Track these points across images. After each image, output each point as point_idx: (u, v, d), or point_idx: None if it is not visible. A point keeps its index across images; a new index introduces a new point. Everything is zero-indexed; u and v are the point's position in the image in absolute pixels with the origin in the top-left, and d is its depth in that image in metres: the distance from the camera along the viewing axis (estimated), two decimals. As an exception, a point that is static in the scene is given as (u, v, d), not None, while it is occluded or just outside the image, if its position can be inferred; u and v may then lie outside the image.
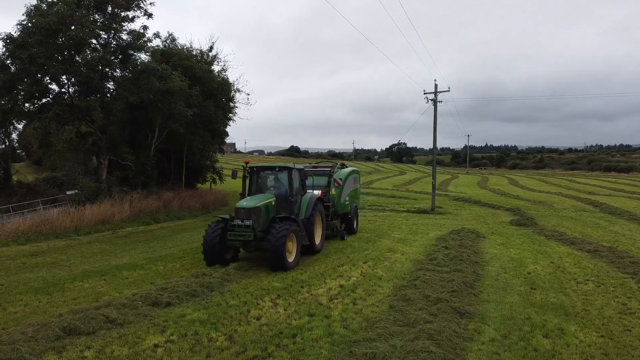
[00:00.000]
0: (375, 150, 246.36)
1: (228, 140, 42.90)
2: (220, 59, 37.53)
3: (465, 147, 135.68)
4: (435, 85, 30.80)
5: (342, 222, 18.74)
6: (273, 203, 13.58)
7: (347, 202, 18.61)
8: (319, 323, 8.36)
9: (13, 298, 10.29)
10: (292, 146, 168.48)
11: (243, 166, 14.65)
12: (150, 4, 27.48)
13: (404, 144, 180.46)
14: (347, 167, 20.27)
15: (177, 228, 22.59)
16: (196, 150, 33.82)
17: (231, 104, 36.96)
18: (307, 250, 14.36)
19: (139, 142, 30.65)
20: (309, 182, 16.79)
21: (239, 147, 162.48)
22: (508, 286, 11.16)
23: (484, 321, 8.57)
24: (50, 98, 26.22)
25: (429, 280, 11.18)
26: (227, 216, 13.32)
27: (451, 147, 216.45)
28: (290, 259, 12.70)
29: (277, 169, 14.80)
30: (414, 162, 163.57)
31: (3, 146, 36.40)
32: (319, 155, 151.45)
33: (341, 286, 10.98)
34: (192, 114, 28.05)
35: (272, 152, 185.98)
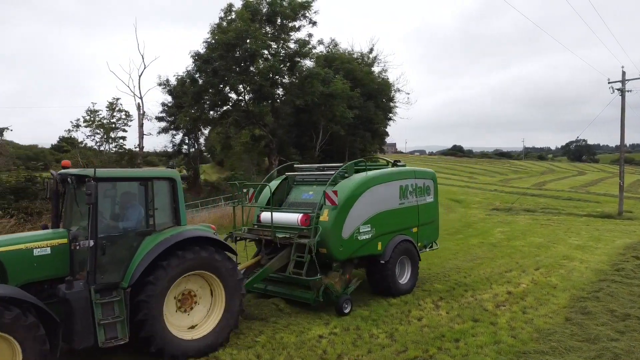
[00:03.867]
0: (548, 149, 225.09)
1: (388, 140, 43.39)
2: (380, 60, 38.09)
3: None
4: (623, 73, 27.05)
5: (357, 278, 9.88)
6: (46, 251, 6.55)
7: (367, 237, 9.52)
8: (484, 329, 7.91)
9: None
10: (454, 145, 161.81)
11: (52, 174, 7.71)
12: (315, 12, 29.01)
13: (584, 140, 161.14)
14: (401, 164, 11.42)
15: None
16: (357, 150, 34.73)
17: (391, 104, 37.27)
18: (147, 349, 6.68)
19: (305, 143, 32.58)
20: (308, 196, 10.31)
21: (399, 147, 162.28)
22: None
23: (689, 346, 7.24)
24: (230, 106, 29.36)
25: (614, 293, 9.84)
26: None
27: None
28: None
29: (71, 179, 6.96)
30: (596, 161, 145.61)
31: (193, 149, 41.74)
32: (484, 155, 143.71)
33: (509, 293, 10.25)
34: (353, 115, 28.88)
35: (434, 152, 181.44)
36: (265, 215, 9.91)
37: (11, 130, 27.11)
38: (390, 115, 37.52)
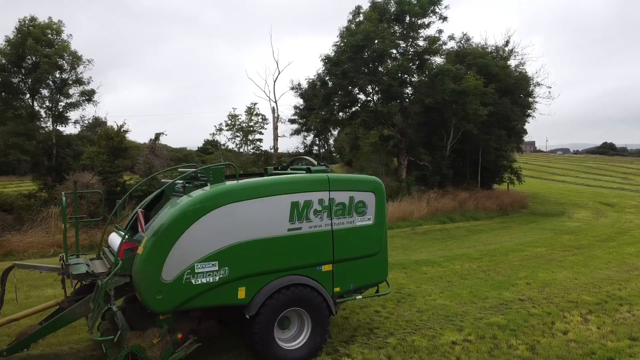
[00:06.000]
0: None
1: (526, 138, 40.51)
2: (517, 52, 35.65)
3: None
4: None
5: (195, 338, 6.29)
6: None
7: (210, 280, 6.08)
8: (645, 350, 6.98)
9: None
10: (604, 143, 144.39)
11: None
12: (445, 7, 28.09)
13: None
14: (320, 169, 7.64)
15: (472, 228, 22.38)
16: (491, 149, 32.97)
17: (529, 100, 34.77)
18: None
19: (435, 143, 31.75)
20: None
21: (539, 145, 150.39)
22: None
23: None
24: (358, 106, 29.69)
25: None
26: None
27: None
28: None
29: None
30: None
31: (323, 150, 43.10)
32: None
33: (676, 310, 8.94)
34: (486, 113, 27.45)
35: (579, 150, 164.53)
36: (112, 238, 7.36)
37: (166, 134, 30.20)
38: (529, 111, 34.96)
